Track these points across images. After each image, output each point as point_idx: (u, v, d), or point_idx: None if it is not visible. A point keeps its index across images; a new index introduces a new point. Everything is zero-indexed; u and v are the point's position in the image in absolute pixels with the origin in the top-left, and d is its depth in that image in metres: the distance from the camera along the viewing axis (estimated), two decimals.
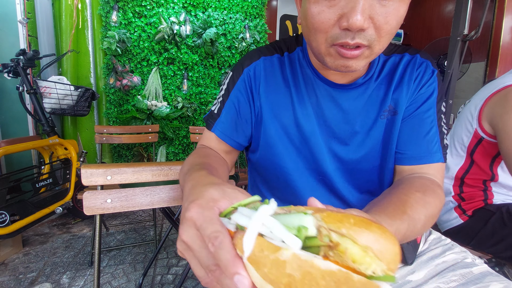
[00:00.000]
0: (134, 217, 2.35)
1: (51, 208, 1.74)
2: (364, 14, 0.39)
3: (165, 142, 2.69)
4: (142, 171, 0.65)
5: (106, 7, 2.30)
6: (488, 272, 0.53)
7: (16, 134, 2.20)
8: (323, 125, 0.59)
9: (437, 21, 2.93)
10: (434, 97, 0.57)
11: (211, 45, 2.56)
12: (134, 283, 1.51)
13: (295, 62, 0.61)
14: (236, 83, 0.62)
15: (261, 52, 0.62)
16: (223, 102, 0.62)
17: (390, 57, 0.60)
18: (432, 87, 0.57)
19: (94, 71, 2.43)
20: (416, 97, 0.57)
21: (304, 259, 0.20)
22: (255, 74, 0.61)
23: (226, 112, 0.61)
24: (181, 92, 2.63)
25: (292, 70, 0.61)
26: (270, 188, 0.67)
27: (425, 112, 0.57)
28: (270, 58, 0.62)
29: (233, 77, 0.63)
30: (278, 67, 0.61)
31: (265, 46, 0.64)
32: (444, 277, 0.54)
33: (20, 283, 1.49)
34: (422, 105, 0.57)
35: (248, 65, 0.61)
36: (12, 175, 1.71)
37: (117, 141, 1.94)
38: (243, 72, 0.61)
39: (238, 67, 0.63)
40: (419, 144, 0.57)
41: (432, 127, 0.57)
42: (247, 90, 0.61)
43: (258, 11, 2.74)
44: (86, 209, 0.61)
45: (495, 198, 1.00)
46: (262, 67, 0.61)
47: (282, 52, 0.63)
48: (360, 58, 0.44)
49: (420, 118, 0.57)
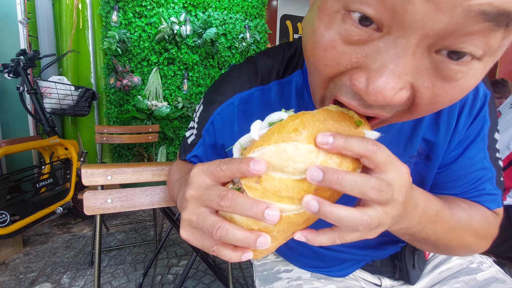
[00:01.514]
0: (134, 217, 2.35)
1: (51, 208, 1.74)
2: (400, 82, 0.24)
3: (166, 142, 2.69)
4: (142, 171, 0.65)
5: (106, 7, 2.30)
6: (493, 278, 0.51)
7: (17, 134, 2.20)
8: None
9: None
10: (484, 130, 0.43)
11: (211, 45, 2.56)
12: (134, 283, 1.52)
13: (291, 89, 0.47)
14: (206, 124, 0.52)
15: (236, 85, 0.49)
16: (197, 136, 0.54)
17: None
18: (482, 120, 0.43)
19: (94, 71, 2.43)
20: (463, 139, 0.43)
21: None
22: (224, 121, 0.49)
23: (198, 151, 0.55)
24: (181, 92, 2.63)
25: (283, 101, 0.47)
26: None
27: (474, 156, 0.44)
28: (248, 94, 0.48)
29: (203, 115, 0.52)
30: (259, 103, 0.48)
31: (239, 76, 0.49)
32: (446, 284, 0.53)
33: (20, 283, 1.49)
34: (469, 147, 0.44)
35: (219, 104, 0.49)
36: (12, 175, 1.71)
37: (117, 141, 1.94)
38: (212, 115, 0.50)
39: (209, 103, 0.51)
40: (469, 192, 0.44)
41: (484, 171, 0.44)
42: (216, 139, 0.52)
43: (258, 11, 2.74)
44: (87, 209, 0.61)
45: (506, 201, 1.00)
46: (236, 110, 0.48)
47: (267, 79, 0.48)
48: (374, 125, 0.32)
49: (467, 163, 0.44)
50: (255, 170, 0.24)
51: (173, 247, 1.91)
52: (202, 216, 0.26)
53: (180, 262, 1.73)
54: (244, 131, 0.36)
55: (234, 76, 0.50)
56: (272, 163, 0.24)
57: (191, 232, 0.28)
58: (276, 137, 0.25)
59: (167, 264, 1.71)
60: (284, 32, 3.22)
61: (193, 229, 0.28)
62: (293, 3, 3.19)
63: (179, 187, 0.40)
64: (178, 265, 1.70)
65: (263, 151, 0.25)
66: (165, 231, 2.13)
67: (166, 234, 0.94)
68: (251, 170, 0.24)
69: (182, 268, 1.68)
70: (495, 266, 0.55)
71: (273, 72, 0.48)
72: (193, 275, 1.60)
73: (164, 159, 2.65)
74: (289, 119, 0.26)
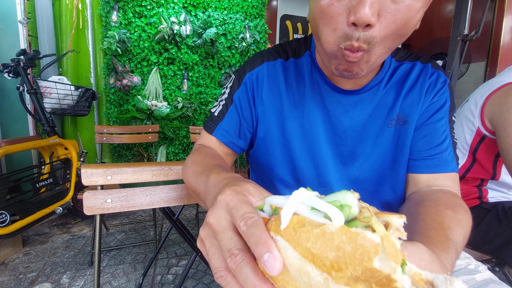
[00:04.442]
0: (134, 217, 2.35)
1: (51, 208, 1.74)
2: (373, 8, 0.38)
3: (165, 142, 2.69)
4: (142, 171, 0.65)
5: (106, 7, 2.30)
6: (491, 279, 0.52)
7: (16, 134, 2.20)
8: (330, 132, 0.58)
9: (437, 21, 2.93)
10: (446, 106, 0.57)
11: (211, 45, 2.56)
12: (134, 283, 1.52)
13: (303, 67, 0.60)
14: (239, 88, 0.61)
15: (264, 57, 0.62)
16: (225, 106, 0.61)
17: (402, 64, 0.59)
18: (445, 97, 0.57)
19: (94, 71, 2.43)
20: (429, 107, 0.57)
21: (355, 231, 0.18)
22: (258, 80, 0.60)
23: (229, 117, 0.61)
24: (181, 92, 2.63)
25: (298, 76, 0.60)
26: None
27: (438, 121, 0.56)
28: (273, 63, 0.61)
29: (236, 82, 0.62)
30: (282, 73, 0.60)
31: (269, 50, 0.63)
32: None
33: (20, 283, 1.49)
34: (435, 114, 0.56)
35: (250, 70, 0.61)
36: (12, 175, 1.71)
37: (117, 141, 1.94)
38: (245, 77, 0.61)
39: (240, 71, 0.62)
40: (433, 153, 0.56)
41: (445, 137, 0.56)
42: (248, 96, 0.60)
43: (258, 11, 2.74)
44: (86, 209, 0.61)
45: (489, 195, 1.01)
46: (265, 72, 0.60)
47: (287, 57, 0.62)
48: (360, 63, 0.44)
49: (433, 127, 0.56)
50: (266, 267, 0.21)
51: (173, 247, 1.91)
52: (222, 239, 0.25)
53: (180, 262, 1.73)
54: (271, 92, 0.60)
55: (262, 52, 0.63)
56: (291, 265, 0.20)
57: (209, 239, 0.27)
58: (302, 248, 0.20)
59: (166, 264, 1.71)
60: (284, 32, 3.22)
61: (212, 238, 0.27)
62: (293, 3, 3.19)
63: (206, 180, 0.40)
64: (178, 265, 1.70)
65: (284, 245, 0.21)
66: (165, 231, 2.13)
67: (166, 234, 0.94)
68: (263, 263, 0.21)
69: (182, 268, 1.68)
70: (489, 271, 0.56)
71: (289, 52, 0.62)
72: (193, 275, 1.60)
73: (164, 159, 2.65)
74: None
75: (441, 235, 0.39)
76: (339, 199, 0.21)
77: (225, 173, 0.39)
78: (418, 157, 0.57)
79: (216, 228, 0.26)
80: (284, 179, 0.61)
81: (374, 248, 0.17)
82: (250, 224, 0.23)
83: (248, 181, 0.33)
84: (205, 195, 0.39)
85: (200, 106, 2.71)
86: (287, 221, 0.21)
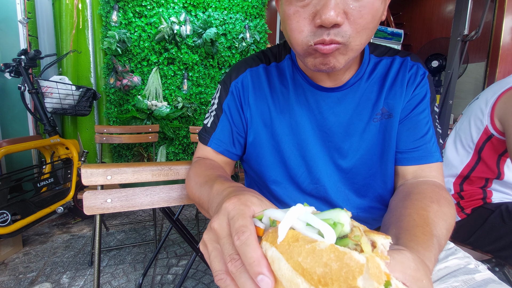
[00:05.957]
0: (134, 217, 2.35)
1: (52, 207, 1.74)
2: (337, 9, 0.39)
3: (165, 142, 2.69)
4: (142, 171, 0.65)
5: (106, 7, 2.30)
6: (490, 279, 0.52)
7: (16, 134, 2.21)
8: (317, 129, 0.59)
9: (437, 21, 2.93)
10: (427, 98, 0.58)
11: (211, 45, 2.56)
12: (134, 283, 1.52)
13: (285, 70, 0.62)
14: (227, 97, 0.63)
15: (247, 64, 0.64)
16: (216, 116, 0.63)
17: (382, 60, 0.60)
18: (425, 89, 0.59)
19: (94, 71, 2.43)
20: (411, 99, 0.58)
21: (343, 250, 0.20)
22: (243, 86, 0.62)
23: (221, 126, 0.62)
24: (181, 92, 2.63)
25: (281, 78, 0.62)
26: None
27: (420, 113, 0.58)
28: (256, 69, 0.63)
29: (223, 91, 0.64)
30: (265, 77, 0.62)
31: (251, 57, 0.66)
32: (445, 282, 0.53)
33: (20, 282, 1.49)
34: (417, 106, 0.58)
35: (235, 78, 0.63)
36: (13, 175, 1.71)
37: (117, 141, 1.94)
38: (231, 86, 0.63)
39: (226, 81, 0.64)
40: (418, 145, 0.57)
41: (428, 128, 0.58)
42: (236, 103, 0.62)
43: (258, 11, 2.74)
44: (86, 209, 0.61)
45: (493, 196, 1.00)
46: (249, 78, 0.62)
47: (268, 62, 0.64)
48: (336, 55, 0.44)
49: (416, 119, 0.58)
50: (260, 285, 0.23)
51: (173, 247, 1.91)
52: (224, 245, 0.28)
53: (179, 262, 1.73)
54: (257, 97, 0.62)
55: (245, 60, 0.65)
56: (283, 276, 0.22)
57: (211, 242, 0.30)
58: (294, 262, 0.21)
59: (166, 264, 1.71)
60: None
61: (214, 243, 0.30)
62: None
63: (210, 189, 0.43)
64: (178, 265, 1.71)
65: (278, 257, 0.22)
66: (164, 231, 2.14)
67: (165, 234, 0.94)
68: (257, 282, 0.23)
69: (182, 268, 1.68)
70: (489, 271, 0.56)
71: (270, 57, 0.64)
72: (192, 275, 1.61)
73: (164, 159, 2.65)
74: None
75: (426, 232, 0.41)
76: (332, 217, 0.23)
77: (228, 182, 0.41)
78: (404, 149, 0.58)
79: (219, 233, 0.28)
80: (277, 180, 0.63)
81: (359, 268, 0.18)
82: (242, 240, 0.25)
83: (252, 191, 0.35)
84: (208, 204, 0.41)
85: (200, 106, 2.71)
86: (283, 236, 0.23)
